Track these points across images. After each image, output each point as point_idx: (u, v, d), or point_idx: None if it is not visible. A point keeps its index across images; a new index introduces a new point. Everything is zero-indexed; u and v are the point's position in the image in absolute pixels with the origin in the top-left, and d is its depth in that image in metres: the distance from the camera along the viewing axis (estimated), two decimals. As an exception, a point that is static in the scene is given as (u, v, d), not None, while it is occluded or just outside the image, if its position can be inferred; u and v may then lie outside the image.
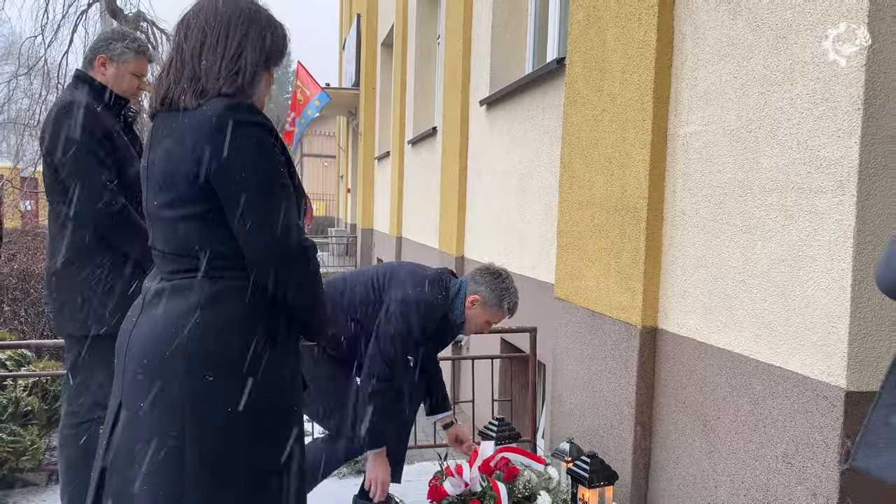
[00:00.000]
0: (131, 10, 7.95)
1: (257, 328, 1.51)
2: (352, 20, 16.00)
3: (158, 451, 1.45)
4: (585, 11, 3.22)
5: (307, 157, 32.69)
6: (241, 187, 1.45)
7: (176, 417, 1.46)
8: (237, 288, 1.50)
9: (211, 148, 1.44)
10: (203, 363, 1.46)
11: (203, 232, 1.49)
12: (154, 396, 1.47)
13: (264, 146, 1.48)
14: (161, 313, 1.50)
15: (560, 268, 3.44)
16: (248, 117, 1.48)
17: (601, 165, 3.01)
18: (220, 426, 1.47)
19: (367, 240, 13.45)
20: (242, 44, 1.54)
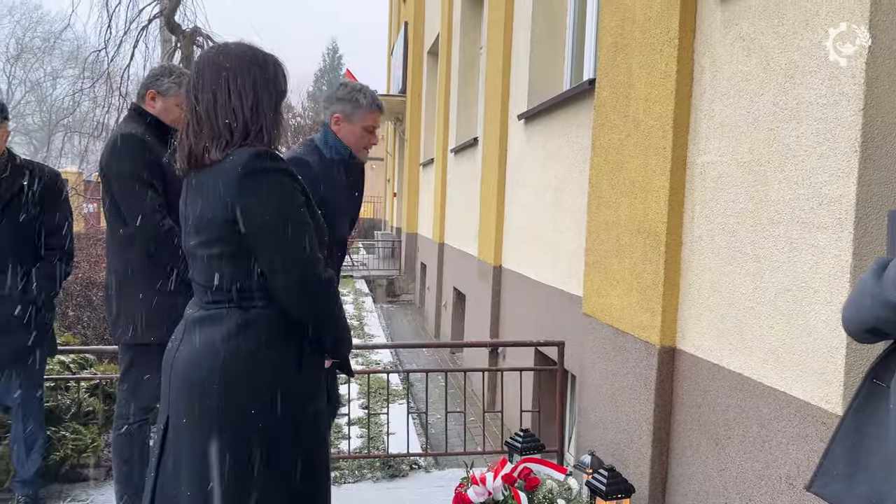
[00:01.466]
0: (188, 26, 8.30)
1: (285, 352, 1.71)
2: (400, 28, 16.27)
3: (199, 465, 1.66)
4: (613, 38, 3.33)
5: (356, 159, 33.11)
6: (266, 229, 1.65)
7: (214, 434, 1.65)
8: (265, 316, 1.70)
9: (238, 194, 1.64)
10: (236, 384, 1.66)
11: (233, 268, 1.69)
12: (194, 414, 1.67)
13: (286, 190, 1.68)
14: (199, 340, 1.71)
15: (587, 284, 3.56)
16: (271, 164, 1.67)
17: (626, 188, 3.12)
18: (252, 442, 1.66)
19: (412, 244, 13.67)
20: (257, 94, 1.72)
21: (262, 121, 1.72)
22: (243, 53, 1.75)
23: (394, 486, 3.61)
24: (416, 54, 14.02)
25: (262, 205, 1.64)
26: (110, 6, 8.33)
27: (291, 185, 1.69)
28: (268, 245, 1.66)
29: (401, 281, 14.00)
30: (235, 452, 1.66)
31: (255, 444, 1.66)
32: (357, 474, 3.67)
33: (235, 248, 1.67)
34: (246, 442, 1.66)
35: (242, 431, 1.66)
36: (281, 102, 1.79)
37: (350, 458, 3.80)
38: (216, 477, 1.65)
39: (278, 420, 1.68)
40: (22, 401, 3.02)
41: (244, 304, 1.70)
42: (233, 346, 1.67)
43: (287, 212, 1.67)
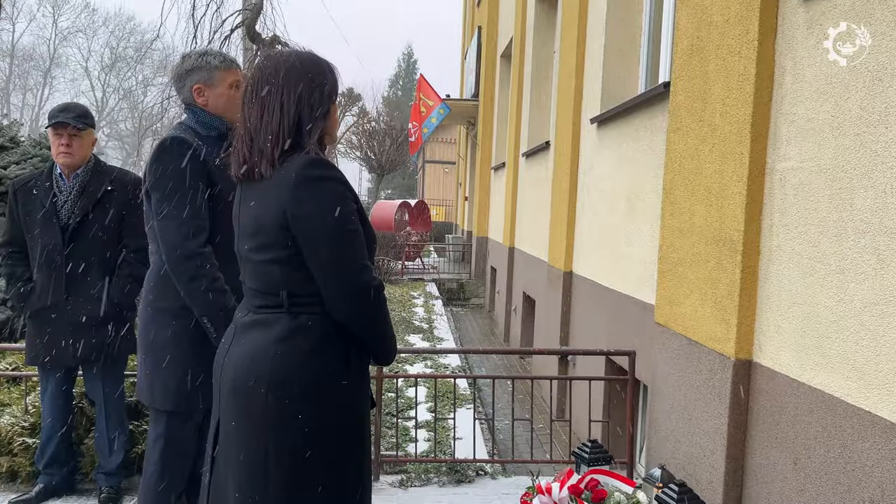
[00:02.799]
0: (268, 35, 8.56)
1: (332, 357, 1.73)
2: (473, 32, 16.31)
3: (246, 467, 1.70)
4: (689, 41, 3.25)
5: (429, 163, 33.48)
6: (318, 236, 1.68)
7: (261, 437, 1.69)
8: (315, 322, 1.73)
9: (292, 201, 1.67)
10: (283, 389, 1.69)
11: (286, 273, 1.72)
12: (242, 417, 1.71)
13: (338, 197, 1.69)
14: (249, 343, 1.75)
15: (660, 293, 3.47)
16: (324, 172, 1.70)
17: (701, 195, 3.03)
18: (298, 446, 1.68)
19: (482, 248, 13.67)
20: (299, 108, 1.73)
21: (310, 130, 1.74)
22: (291, 64, 1.77)
23: (460, 491, 3.61)
24: (489, 58, 14.03)
25: (314, 212, 1.67)
26: (196, 17, 8.68)
27: (343, 193, 1.72)
28: (319, 252, 1.68)
29: (471, 285, 14.02)
30: (282, 457, 1.68)
31: (301, 449, 1.68)
32: (423, 478, 3.69)
33: (288, 254, 1.70)
34: (293, 446, 1.68)
35: (289, 436, 1.68)
36: (331, 107, 1.80)
37: (417, 461, 3.82)
38: (263, 480, 1.68)
39: (325, 425, 1.70)
40: (105, 396, 3.17)
41: (294, 309, 1.73)
42: (282, 351, 1.70)
43: (338, 219, 1.68)
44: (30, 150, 4.94)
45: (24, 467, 3.38)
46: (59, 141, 2.99)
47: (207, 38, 8.50)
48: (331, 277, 1.69)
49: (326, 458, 1.72)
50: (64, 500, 3.30)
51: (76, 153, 3.02)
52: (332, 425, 1.72)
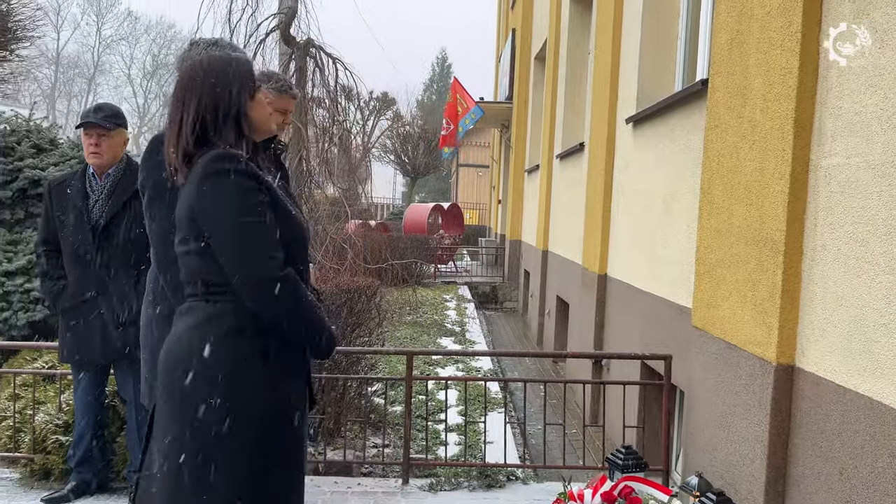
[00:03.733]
0: (302, 38, 8.60)
1: (247, 346, 1.76)
2: (507, 34, 16.25)
3: (168, 447, 1.75)
4: (729, 35, 3.15)
5: (463, 166, 33.44)
6: (220, 227, 1.73)
7: (175, 420, 1.74)
8: (230, 311, 1.76)
9: (196, 195, 1.74)
10: (195, 373, 1.73)
11: (202, 263, 1.77)
12: (164, 400, 1.78)
13: (241, 189, 1.73)
14: (173, 331, 1.83)
15: (697, 296, 3.37)
16: (226, 165, 1.74)
17: (740, 194, 2.93)
18: (209, 431, 1.70)
19: (515, 251, 13.58)
20: (201, 115, 1.80)
21: (219, 131, 1.80)
22: (195, 72, 1.85)
23: (490, 496, 3.54)
24: (522, 60, 13.95)
25: (215, 204, 1.74)
26: (232, 22, 8.75)
27: (247, 184, 1.75)
28: (222, 244, 1.74)
29: (504, 288, 13.92)
30: (196, 439, 1.72)
31: (214, 433, 1.71)
32: (454, 482, 3.63)
33: (201, 246, 1.76)
34: (206, 430, 1.71)
35: (203, 420, 1.71)
36: (248, 103, 1.86)
37: (447, 465, 3.77)
38: (177, 462, 1.72)
39: (238, 412, 1.72)
40: (135, 394, 3.17)
41: (211, 297, 1.79)
42: (197, 337, 1.76)
43: (240, 211, 1.73)
44: (68, 152, 5.02)
45: (57, 465, 3.41)
46: (89, 141, 3.02)
47: (243, 42, 8.55)
48: (234, 268, 1.74)
49: (241, 445, 1.73)
50: (96, 498, 3.31)
51: (105, 153, 3.04)
52: (248, 414, 1.73)
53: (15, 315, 4.48)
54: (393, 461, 3.87)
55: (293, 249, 1.82)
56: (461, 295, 12.19)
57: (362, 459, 3.85)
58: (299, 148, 8.30)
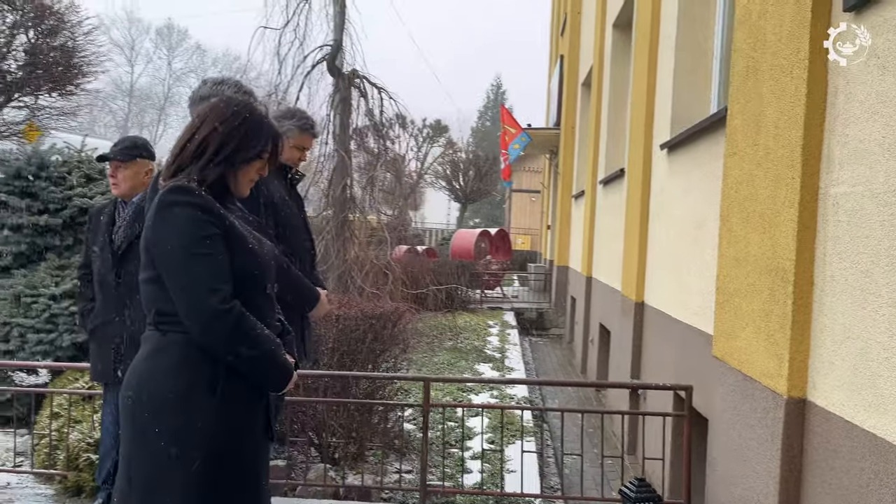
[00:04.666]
0: (347, 69, 8.83)
1: (193, 377, 1.78)
2: (556, 61, 16.30)
3: (123, 470, 1.82)
4: (745, 62, 3.12)
5: (515, 192, 33.44)
6: (166, 259, 1.77)
7: (127, 447, 1.81)
8: (180, 341, 1.80)
9: (149, 225, 1.81)
10: (145, 403, 1.78)
11: (156, 292, 1.82)
12: (124, 426, 1.83)
13: (190, 222, 1.77)
14: (134, 363, 1.87)
15: (717, 325, 3.30)
16: (179, 198, 1.79)
17: (755, 222, 2.88)
18: (156, 458, 1.75)
19: (563, 277, 13.47)
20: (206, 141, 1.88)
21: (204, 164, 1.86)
22: (223, 106, 1.93)
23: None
24: (570, 87, 13.96)
25: (162, 236, 1.78)
26: (281, 55, 9.08)
27: (197, 217, 1.78)
28: (168, 274, 1.78)
29: (550, 314, 13.81)
30: (144, 465, 1.77)
31: (161, 461, 1.75)
32: (473, 510, 3.63)
33: (155, 275, 1.81)
34: (154, 457, 1.75)
35: (146, 449, 1.77)
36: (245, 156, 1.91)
37: (464, 493, 3.76)
38: (127, 486, 1.79)
39: (183, 440, 1.75)
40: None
41: (162, 327, 1.83)
42: (148, 367, 1.81)
43: (186, 243, 1.76)
44: (117, 182, 5.26)
45: (87, 482, 3.55)
46: (109, 172, 3.20)
47: (290, 73, 8.85)
48: (178, 299, 1.77)
49: (176, 475, 1.75)
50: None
51: (122, 183, 3.20)
52: (194, 443, 1.75)
53: (60, 336, 4.70)
54: (411, 487, 3.88)
55: (249, 283, 1.85)
56: (506, 321, 12.14)
57: (381, 485, 3.87)
58: (343, 176, 8.50)
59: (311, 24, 8.98)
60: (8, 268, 5.16)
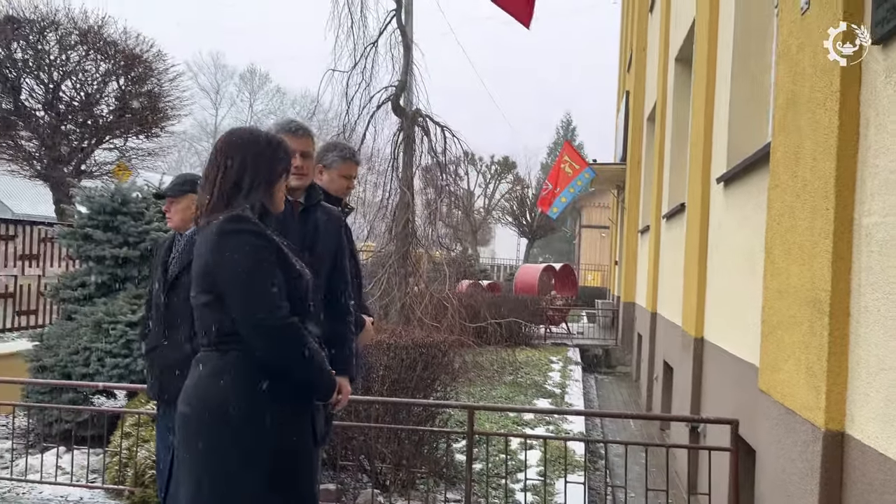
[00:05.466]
0: (411, 109, 9.13)
1: (256, 392, 1.95)
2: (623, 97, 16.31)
3: (188, 487, 1.94)
4: (786, 96, 3.14)
5: (585, 228, 33.21)
6: (231, 280, 1.94)
7: (194, 467, 1.93)
8: (239, 359, 1.96)
9: (213, 250, 1.96)
10: (212, 419, 1.92)
11: (213, 314, 1.98)
12: (183, 445, 1.96)
13: (250, 247, 1.95)
14: (190, 379, 2.03)
15: (763, 358, 3.27)
16: (240, 226, 1.97)
17: (795, 254, 2.87)
18: (226, 477, 1.90)
19: (629, 313, 13.27)
20: (243, 170, 2.04)
21: (245, 192, 2.03)
22: (239, 136, 2.09)
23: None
24: (636, 122, 13.93)
25: (229, 260, 1.95)
26: (349, 95, 9.47)
27: (255, 244, 1.97)
28: (233, 294, 1.94)
29: (617, 352, 13.59)
30: (215, 484, 1.91)
31: (230, 476, 1.90)
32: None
33: (213, 298, 1.97)
34: (225, 473, 1.90)
35: (220, 463, 1.91)
36: (275, 175, 2.10)
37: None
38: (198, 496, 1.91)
39: (250, 453, 1.91)
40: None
41: (222, 346, 1.98)
42: (210, 385, 1.96)
43: (248, 266, 1.94)
44: (190, 217, 5.62)
45: (152, 497, 3.76)
46: (164, 208, 3.46)
47: (357, 113, 9.21)
48: (244, 317, 1.94)
49: (247, 488, 1.91)
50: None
51: (174, 217, 3.45)
52: (254, 456, 1.92)
53: (134, 361, 5.01)
54: (457, 515, 3.94)
55: (299, 305, 2.03)
56: (569, 357, 12.03)
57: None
58: (405, 211, 8.74)
59: (378, 66, 9.37)
60: (91, 296, 5.55)
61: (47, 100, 11.41)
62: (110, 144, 12.38)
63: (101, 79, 11.58)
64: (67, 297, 5.67)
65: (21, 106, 11.30)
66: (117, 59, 11.50)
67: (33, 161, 11.78)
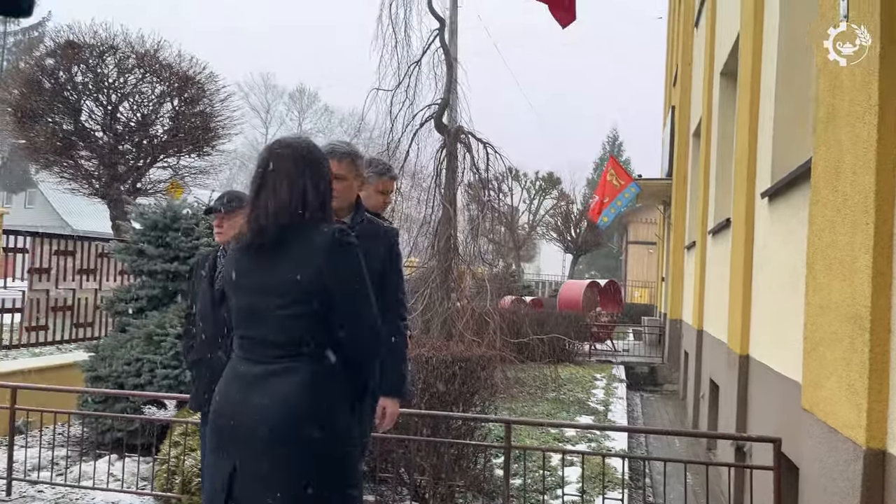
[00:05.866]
0: (453, 126, 9.24)
1: (344, 393, 2.06)
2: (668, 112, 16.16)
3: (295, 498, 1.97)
4: (826, 110, 3.11)
5: (632, 244, 32.82)
6: (351, 291, 2.05)
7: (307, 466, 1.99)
8: (333, 366, 2.04)
9: (328, 262, 2.01)
10: (316, 425, 2.00)
11: (310, 324, 2.03)
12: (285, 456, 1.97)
13: (359, 260, 2.06)
14: (277, 391, 2.00)
15: (805, 376, 3.22)
16: (350, 240, 2.05)
17: (836, 269, 2.83)
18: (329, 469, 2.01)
19: (676, 331, 13.06)
20: (314, 188, 2.12)
21: (322, 205, 2.12)
22: (316, 151, 2.19)
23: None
24: (681, 137, 13.78)
25: (347, 270, 2.04)
26: (393, 113, 9.65)
27: (359, 256, 2.07)
28: (350, 304, 2.03)
29: (664, 369, 13.37)
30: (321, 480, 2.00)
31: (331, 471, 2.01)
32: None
33: (313, 308, 2.01)
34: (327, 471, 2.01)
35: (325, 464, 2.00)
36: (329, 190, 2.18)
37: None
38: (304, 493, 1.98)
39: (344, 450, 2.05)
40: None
41: (314, 355, 2.03)
42: (311, 394, 2.01)
43: (363, 277, 2.06)
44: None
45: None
46: (215, 223, 3.58)
47: (401, 130, 9.36)
48: (357, 326, 2.04)
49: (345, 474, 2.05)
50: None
51: (226, 232, 3.55)
52: (348, 453, 2.06)
53: (183, 372, 5.17)
54: (495, 529, 3.95)
55: None
56: (614, 375, 11.89)
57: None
58: (447, 227, 8.82)
59: (421, 84, 9.52)
60: (143, 309, 5.75)
61: (106, 121, 11.90)
62: (164, 163, 12.82)
63: (157, 100, 12.03)
64: (121, 309, 5.89)
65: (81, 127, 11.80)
66: (172, 81, 11.93)
67: (92, 180, 12.27)
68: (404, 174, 9.75)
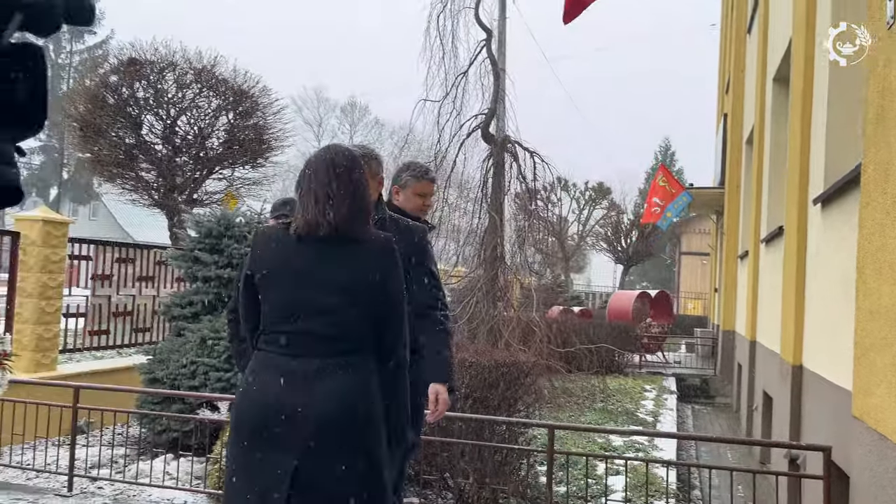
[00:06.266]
0: (500, 136, 9.29)
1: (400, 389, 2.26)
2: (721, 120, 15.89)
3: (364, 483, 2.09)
4: (875, 111, 3.06)
5: (685, 254, 32.20)
6: (398, 294, 2.20)
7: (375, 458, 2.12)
8: (377, 361, 2.19)
9: (384, 267, 2.16)
10: (376, 415, 2.13)
11: (364, 323, 2.14)
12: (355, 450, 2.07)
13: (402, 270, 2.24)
14: (344, 384, 2.09)
15: (856, 382, 3.16)
16: (394, 245, 2.21)
17: (887, 273, 2.78)
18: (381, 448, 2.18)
19: (729, 342, 12.79)
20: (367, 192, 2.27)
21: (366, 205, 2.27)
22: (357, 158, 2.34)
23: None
24: (734, 145, 13.55)
25: (397, 275, 2.22)
26: (440, 124, 9.76)
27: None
28: (398, 306, 2.21)
29: (716, 381, 13.09)
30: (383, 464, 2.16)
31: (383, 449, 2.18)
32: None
33: (366, 312, 2.14)
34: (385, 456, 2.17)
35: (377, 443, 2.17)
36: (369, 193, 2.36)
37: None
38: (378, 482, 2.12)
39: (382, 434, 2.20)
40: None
41: (369, 352, 2.17)
42: (372, 387, 2.14)
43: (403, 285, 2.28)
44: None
45: (247, 502, 3.98)
46: None
47: (448, 140, 9.46)
48: (400, 325, 2.22)
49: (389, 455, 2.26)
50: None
51: None
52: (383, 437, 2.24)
53: (235, 375, 5.32)
54: (538, 535, 3.95)
55: None
56: (665, 386, 11.70)
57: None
58: (494, 237, 8.86)
59: (468, 95, 9.61)
60: (197, 314, 5.95)
61: (165, 134, 12.33)
62: (219, 175, 13.20)
63: (213, 114, 12.40)
64: (178, 314, 6.10)
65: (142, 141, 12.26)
66: (227, 96, 12.29)
67: (151, 191, 12.71)
68: (451, 184, 9.83)
